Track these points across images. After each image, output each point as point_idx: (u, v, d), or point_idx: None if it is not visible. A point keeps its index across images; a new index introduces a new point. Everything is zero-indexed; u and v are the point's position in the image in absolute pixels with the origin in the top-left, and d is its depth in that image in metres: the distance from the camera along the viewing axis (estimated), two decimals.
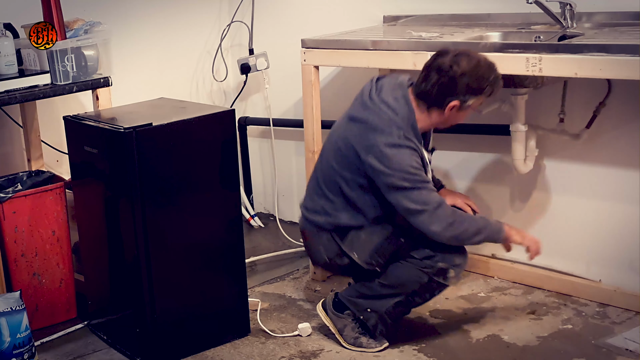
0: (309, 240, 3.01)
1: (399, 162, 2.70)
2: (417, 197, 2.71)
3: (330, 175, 2.87)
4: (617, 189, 3.15)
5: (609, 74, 2.68)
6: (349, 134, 2.81)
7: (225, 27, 4.16)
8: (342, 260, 2.91)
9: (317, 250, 2.96)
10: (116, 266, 2.98)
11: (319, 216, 2.91)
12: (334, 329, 3.00)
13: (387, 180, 2.71)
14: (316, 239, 2.95)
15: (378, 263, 2.87)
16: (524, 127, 3.13)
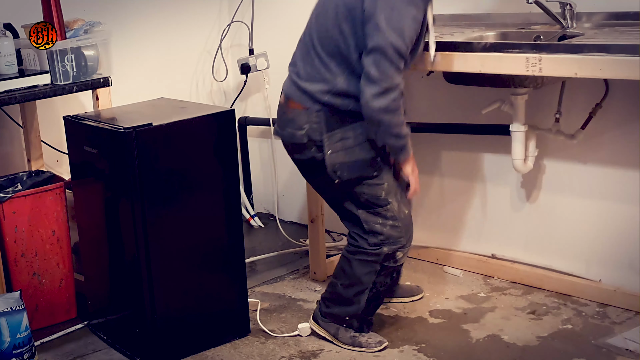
0: (291, 110, 2.85)
1: (398, 22, 2.64)
2: (386, 68, 2.65)
3: (331, 37, 2.76)
4: (617, 189, 3.15)
5: (609, 74, 2.67)
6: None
7: (225, 27, 4.16)
8: (310, 152, 2.83)
9: (297, 125, 2.83)
10: (116, 266, 2.98)
11: (315, 84, 2.80)
12: (329, 336, 2.99)
13: (374, 35, 2.64)
14: (303, 113, 2.82)
15: (341, 177, 2.81)
16: (524, 127, 3.13)
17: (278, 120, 2.96)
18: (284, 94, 2.92)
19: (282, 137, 2.95)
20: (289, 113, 2.88)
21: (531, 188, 3.38)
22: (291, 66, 2.94)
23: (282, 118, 2.93)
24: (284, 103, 2.92)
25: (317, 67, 2.82)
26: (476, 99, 3.31)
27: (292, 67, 2.93)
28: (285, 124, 2.90)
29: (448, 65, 2.99)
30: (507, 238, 3.48)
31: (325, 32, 2.80)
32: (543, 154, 3.27)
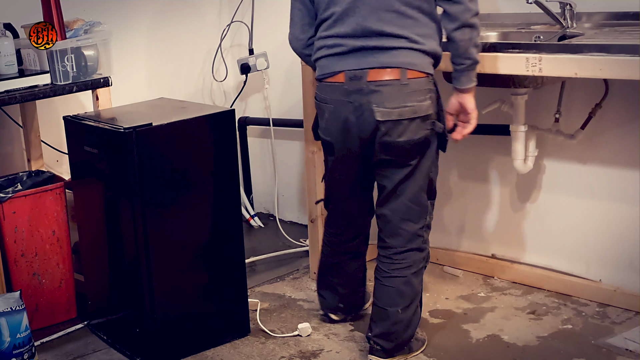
0: (412, 82, 2.64)
1: None
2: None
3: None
4: (617, 189, 3.15)
5: (609, 74, 2.67)
6: None
7: (225, 27, 4.16)
8: (429, 126, 2.70)
9: (421, 96, 2.66)
10: (116, 266, 2.98)
11: (428, 42, 2.65)
12: (416, 353, 2.88)
13: None
14: (424, 81, 2.65)
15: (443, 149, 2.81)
16: (524, 127, 3.13)
17: (385, 100, 2.63)
18: (397, 66, 2.62)
19: (396, 116, 2.64)
20: (410, 85, 2.63)
21: (531, 188, 3.38)
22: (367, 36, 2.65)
23: (395, 95, 2.63)
24: (398, 77, 2.62)
25: (409, 23, 2.63)
26: (476, 99, 3.30)
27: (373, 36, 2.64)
28: (403, 99, 2.63)
29: (448, 65, 2.99)
30: (507, 238, 3.48)
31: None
32: (543, 154, 3.27)
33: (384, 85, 2.65)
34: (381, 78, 2.65)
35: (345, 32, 2.70)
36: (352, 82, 2.68)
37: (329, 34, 2.73)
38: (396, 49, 2.65)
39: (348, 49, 2.69)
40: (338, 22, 2.71)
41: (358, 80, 2.67)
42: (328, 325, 3.12)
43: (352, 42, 2.68)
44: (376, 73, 2.65)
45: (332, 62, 2.73)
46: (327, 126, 2.79)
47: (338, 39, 2.71)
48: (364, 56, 2.68)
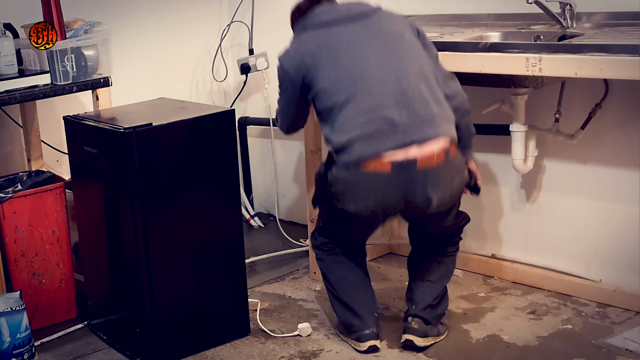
0: (456, 155, 2.68)
1: None
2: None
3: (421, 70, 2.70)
4: (617, 189, 3.15)
5: (609, 74, 2.67)
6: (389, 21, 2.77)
7: (225, 27, 4.16)
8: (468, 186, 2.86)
9: (464, 167, 2.77)
10: (116, 266, 2.98)
11: (450, 120, 2.71)
12: (435, 340, 2.94)
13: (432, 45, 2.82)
14: (459, 154, 2.73)
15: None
16: (524, 127, 3.13)
17: (438, 184, 2.62)
18: (443, 145, 2.61)
19: (449, 194, 2.69)
20: (456, 161, 2.69)
21: (531, 188, 3.38)
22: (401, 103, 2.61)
23: (445, 174, 2.64)
24: (443, 158, 2.61)
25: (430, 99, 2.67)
26: (476, 99, 3.31)
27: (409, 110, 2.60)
28: (452, 177, 2.68)
29: (448, 65, 2.99)
30: (507, 238, 3.48)
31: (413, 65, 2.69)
32: (543, 154, 3.27)
33: (435, 170, 2.62)
34: (431, 164, 2.59)
35: (378, 103, 2.62)
36: (400, 173, 2.59)
37: (353, 113, 2.63)
38: (438, 117, 2.65)
39: (386, 121, 2.59)
40: (363, 97, 2.63)
41: (407, 170, 2.59)
42: (328, 325, 3.12)
43: (390, 113, 2.59)
44: (426, 159, 2.58)
45: (365, 144, 2.60)
46: (358, 207, 2.68)
47: (369, 115, 2.61)
48: (407, 128, 2.59)
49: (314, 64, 2.70)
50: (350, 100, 2.63)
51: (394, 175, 2.59)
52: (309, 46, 2.73)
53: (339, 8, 2.80)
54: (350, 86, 2.64)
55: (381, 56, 2.66)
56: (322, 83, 2.68)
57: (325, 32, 2.72)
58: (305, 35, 2.78)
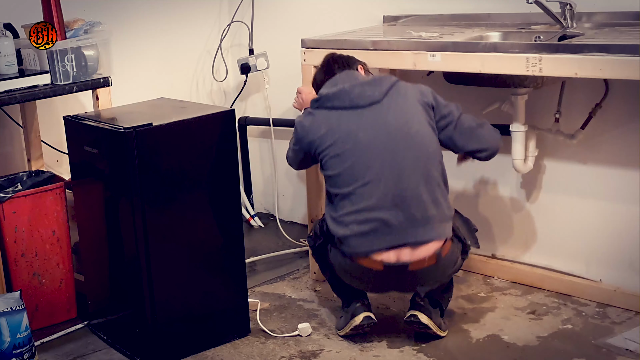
0: (448, 252, 2.80)
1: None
2: (471, 116, 2.94)
3: (427, 168, 2.78)
4: (617, 189, 3.15)
5: (609, 74, 2.68)
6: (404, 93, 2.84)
7: (225, 27, 4.16)
8: (463, 260, 2.95)
9: (456, 257, 2.87)
10: (116, 266, 2.98)
11: (446, 219, 2.80)
12: (437, 329, 2.94)
13: (450, 107, 2.87)
14: (453, 245, 2.84)
15: (474, 242, 2.98)
16: (524, 127, 3.13)
17: (426, 283, 2.83)
18: (435, 248, 2.76)
19: (438, 284, 2.92)
20: (445, 261, 2.82)
21: (531, 188, 3.38)
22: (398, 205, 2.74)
23: (436, 273, 2.82)
24: (435, 260, 2.77)
25: (427, 201, 2.80)
26: (476, 99, 3.31)
27: (408, 220, 2.74)
28: (442, 272, 2.85)
29: (448, 65, 2.99)
30: (507, 238, 3.48)
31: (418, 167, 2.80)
32: (543, 154, 3.27)
33: (426, 269, 2.77)
34: (422, 266, 2.75)
35: (375, 204, 2.76)
36: (391, 272, 2.77)
37: (354, 209, 2.78)
38: (431, 219, 2.75)
39: (382, 222, 2.75)
40: (363, 195, 2.77)
41: (398, 271, 2.77)
42: (328, 325, 3.12)
43: (384, 215, 2.74)
44: (417, 262, 2.74)
45: (362, 242, 2.77)
46: (352, 283, 2.95)
47: (366, 214, 2.76)
48: (402, 230, 2.74)
49: (322, 146, 2.85)
50: (350, 195, 2.78)
51: (385, 274, 2.78)
52: (320, 129, 2.86)
53: (352, 91, 2.83)
54: (351, 183, 2.78)
55: (384, 156, 2.76)
56: (326, 169, 2.86)
57: (336, 117, 2.84)
58: (318, 114, 2.89)
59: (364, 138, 2.78)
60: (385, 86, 2.83)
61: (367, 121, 2.80)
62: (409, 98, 2.83)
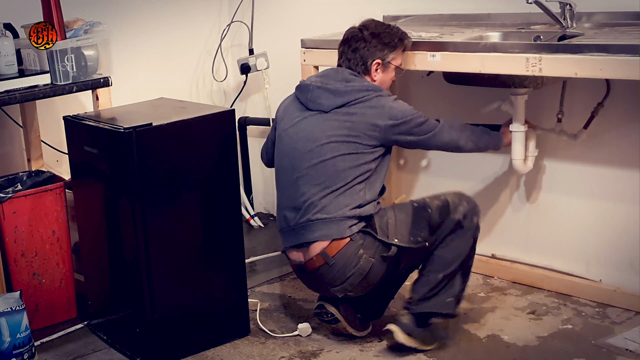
0: (339, 252, 2.79)
1: (407, 107, 2.85)
2: (430, 124, 2.86)
3: (344, 166, 2.79)
4: (617, 189, 3.15)
5: (609, 74, 2.68)
6: (346, 119, 2.80)
7: (225, 27, 4.16)
8: (385, 257, 2.81)
9: (357, 257, 2.80)
10: (116, 266, 2.98)
11: (348, 209, 2.79)
12: (420, 346, 2.88)
13: (411, 125, 2.81)
14: (351, 244, 2.80)
15: (423, 238, 2.84)
16: (524, 127, 3.13)
17: (330, 283, 2.87)
18: (321, 248, 2.82)
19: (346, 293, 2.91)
20: (337, 263, 2.83)
21: (531, 188, 3.38)
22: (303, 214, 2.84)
23: (335, 275, 2.85)
24: (322, 261, 2.83)
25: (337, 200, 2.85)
26: (476, 99, 3.31)
27: (305, 214, 2.83)
28: (342, 275, 2.85)
29: (448, 65, 2.99)
30: (507, 238, 3.48)
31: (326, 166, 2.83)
32: (543, 154, 3.27)
33: (321, 269, 2.84)
34: (314, 266, 2.85)
35: (284, 202, 2.92)
36: (300, 271, 2.94)
37: (278, 203, 2.97)
38: (315, 221, 2.81)
39: (286, 222, 2.91)
40: (280, 192, 2.95)
41: (303, 271, 2.92)
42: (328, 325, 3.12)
43: (287, 214, 2.89)
44: (309, 262, 2.85)
45: (282, 239, 2.96)
46: None
47: (281, 210, 2.94)
48: (297, 231, 2.86)
49: (277, 129, 3.00)
50: (278, 189, 2.97)
51: (299, 272, 2.96)
52: (282, 112, 2.99)
53: (313, 91, 2.86)
54: (276, 178, 2.98)
55: (288, 165, 2.89)
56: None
57: (293, 108, 2.94)
58: (290, 97, 2.99)
59: (286, 143, 2.91)
60: (344, 99, 2.81)
61: (301, 126, 2.87)
62: (347, 120, 2.80)
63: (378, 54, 2.89)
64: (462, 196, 2.93)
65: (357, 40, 2.90)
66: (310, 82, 2.90)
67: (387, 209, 2.89)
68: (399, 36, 2.93)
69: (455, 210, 2.86)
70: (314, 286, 2.99)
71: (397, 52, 2.93)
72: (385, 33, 2.92)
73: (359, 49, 2.89)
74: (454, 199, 2.89)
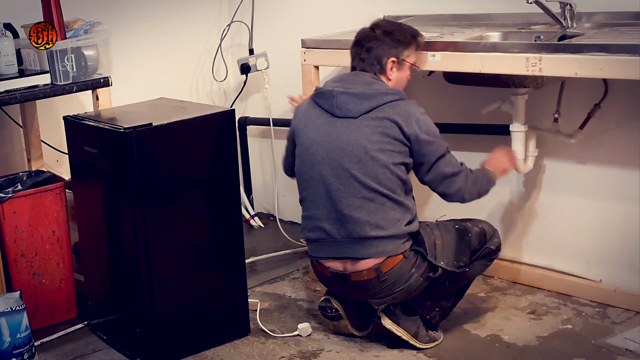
0: (392, 269, 2.76)
1: (434, 128, 2.79)
2: (453, 160, 2.82)
3: (387, 176, 2.74)
4: (617, 189, 3.15)
5: (609, 73, 2.68)
6: (378, 124, 2.74)
7: (225, 27, 4.16)
8: (430, 278, 2.81)
9: (409, 275, 2.78)
10: (116, 266, 2.98)
11: (402, 225, 2.75)
12: (407, 336, 2.90)
13: (433, 148, 2.76)
14: (405, 261, 2.77)
15: (465, 263, 2.86)
16: (524, 127, 3.13)
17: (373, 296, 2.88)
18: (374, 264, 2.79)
19: (391, 300, 2.90)
20: (389, 279, 2.81)
21: (531, 188, 3.38)
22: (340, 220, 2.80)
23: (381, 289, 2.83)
24: (374, 275, 2.81)
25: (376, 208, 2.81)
26: (476, 99, 3.31)
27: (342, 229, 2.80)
28: (389, 289, 2.84)
29: (448, 65, 2.99)
30: (507, 238, 3.48)
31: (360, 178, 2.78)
32: (543, 154, 3.27)
33: (368, 281, 2.81)
34: (362, 279, 2.80)
35: (321, 214, 2.84)
36: (339, 281, 2.87)
37: (307, 215, 2.89)
38: (370, 238, 2.76)
39: (326, 234, 2.83)
40: (313, 203, 2.86)
41: (343, 280, 2.85)
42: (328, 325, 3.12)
43: (328, 227, 2.81)
44: (357, 274, 2.80)
45: (314, 248, 2.90)
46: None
47: (315, 222, 2.86)
48: (342, 244, 2.81)
49: (297, 138, 2.92)
50: (304, 200, 2.91)
51: (335, 280, 2.89)
52: (301, 120, 2.91)
53: (338, 97, 2.80)
54: (303, 189, 2.90)
55: (323, 174, 2.80)
56: (295, 167, 2.94)
57: (315, 115, 2.86)
58: (308, 104, 2.92)
59: (316, 151, 2.82)
60: (372, 104, 2.76)
61: (331, 133, 2.80)
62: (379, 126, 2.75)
63: (392, 51, 2.85)
64: (494, 228, 2.98)
65: (370, 39, 2.86)
66: (332, 88, 2.82)
67: (432, 227, 2.87)
68: (411, 33, 2.91)
69: (490, 240, 2.92)
70: (347, 293, 2.92)
71: (411, 50, 2.89)
72: (398, 30, 2.89)
73: (372, 48, 2.85)
74: (489, 229, 2.94)
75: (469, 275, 2.94)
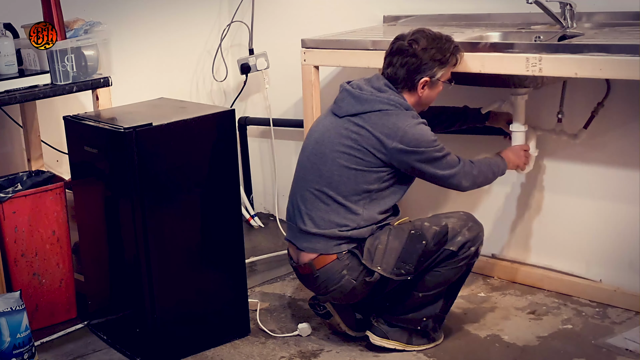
0: (324, 267, 2.79)
1: (426, 137, 2.75)
2: (447, 163, 2.78)
3: (342, 179, 2.75)
4: (617, 189, 3.15)
5: (609, 74, 2.68)
6: (355, 130, 2.75)
7: (225, 27, 4.16)
8: (368, 282, 2.78)
9: (339, 276, 2.78)
10: (116, 266, 2.98)
11: (338, 229, 2.76)
12: (401, 346, 2.89)
13: (422, 157, 2.72)
14: (336, 262, 2.78)
15: (408, 271, 2.78)
16: (524, 127, 3.13)
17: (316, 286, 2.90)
18: (309, 259, 2.85)
19: (331, 300, 2.96)
20: (321, 277, 2.84)
21: (531, 188, 3.38)
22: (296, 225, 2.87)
23: (313, 281, 2.89)
24: (310, 271, 2.86)
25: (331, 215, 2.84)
26: (476, 99, 3.31)
27: (296, 223, 2.86)
28: (325, 287, 2.87)
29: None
30: (507, 238, 3.48)
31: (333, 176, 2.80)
32: (543, 154, 3.27)
33: (306, 276, 2.88)
34: (302, 272, 2.88)
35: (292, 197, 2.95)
36: (293, 267, 2.97)
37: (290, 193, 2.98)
38: (307, 233, 2.82)
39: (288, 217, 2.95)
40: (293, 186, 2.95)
41: (296, 270, 2.96)
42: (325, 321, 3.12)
43: (291, 210, 2.91)
44: (299, 266, 2.89)
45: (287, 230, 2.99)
46: None
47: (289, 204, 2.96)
48: (292, 231, 2.91)
49: None
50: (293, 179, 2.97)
51: (293, 267, 2.99)
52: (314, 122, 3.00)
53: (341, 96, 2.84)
54: (296, 168, 2.95)
55: (304, 161, 2.88)
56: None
57: (325, 113, 2.93)
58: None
59: (306, 141, 2.92)
60: (362, 107, 2.75)
61: (318, 127, 2.89)
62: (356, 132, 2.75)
63: (427, 72, 2.76)
64: (465, 223, 2.83)
65: (406, 55, 2.75)
66: (347, 82, 2.85)
67: (383, 232, 2.80)
68: (451, 51, 2.79)
69: (452, 240, 2.79)
70: (305, 284, 2.99)
71: (448, 68, 2.81)
72: (437, 48, 2.76)
73: (408, 64, 2.76)
74: (455, 226, 2.81)
75: (441, 280, 2.82)
